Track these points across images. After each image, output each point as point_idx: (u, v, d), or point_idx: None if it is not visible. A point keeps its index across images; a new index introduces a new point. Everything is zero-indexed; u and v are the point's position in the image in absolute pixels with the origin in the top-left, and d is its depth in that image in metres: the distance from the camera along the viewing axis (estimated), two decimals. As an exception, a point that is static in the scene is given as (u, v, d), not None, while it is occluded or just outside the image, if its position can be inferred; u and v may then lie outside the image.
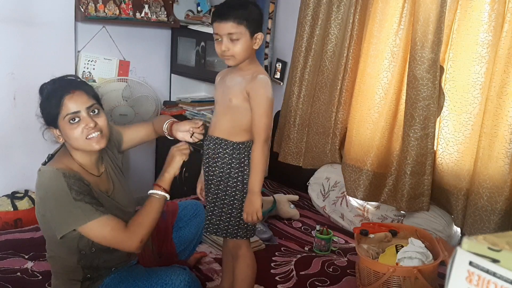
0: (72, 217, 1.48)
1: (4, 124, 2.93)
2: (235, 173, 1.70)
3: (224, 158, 1.70)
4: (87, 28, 3.24)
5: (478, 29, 2.23)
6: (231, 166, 1.70)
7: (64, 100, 1.53)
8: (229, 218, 1.72)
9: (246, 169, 1.70)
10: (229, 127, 1.71)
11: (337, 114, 2.86)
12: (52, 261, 1.67)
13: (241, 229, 1.73)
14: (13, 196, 2.84)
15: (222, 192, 1.72)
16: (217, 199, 1.73)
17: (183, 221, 1.99)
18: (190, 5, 3.70)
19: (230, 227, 1.73)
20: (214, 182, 1.73)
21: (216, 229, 1.75)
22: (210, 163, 1.74)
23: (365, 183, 2.61)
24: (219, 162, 1.71)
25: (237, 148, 1.69)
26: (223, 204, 1.72)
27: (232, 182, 1.70)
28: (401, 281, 1.83)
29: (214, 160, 1.72)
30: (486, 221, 2.21)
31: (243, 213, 1.70)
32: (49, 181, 1.51)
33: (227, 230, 1.73)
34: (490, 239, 0.58)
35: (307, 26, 2.91)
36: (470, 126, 2.31)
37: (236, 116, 1.69)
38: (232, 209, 1.72)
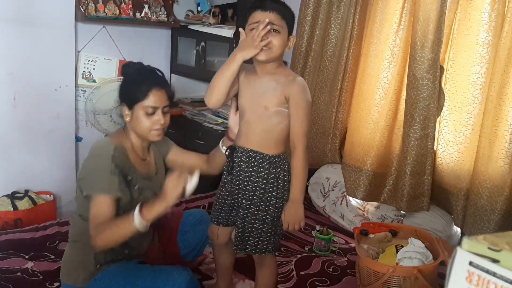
0: (98, 182, 1.59)
1: (4, 124, 2.93)
2: (269, 188, 1.64)
3: (259, 172, 1.64)
4: (87, 28, 3.24)
5: (478, 29, 2.23)
6: (267, 181, 1.64)
7: (151, 92, 1.65)
8: (260, 233, 1.66)
9: (281, 183, 1.65)
10: (264, 138, 1.64)
11: (337, 114, 2.86)
12: (74, 225, 1.74)
13: (270, 244, 1.68)
14: (13, 196, 2.84)
15: (255, 207, 1.65)
16: (248, 214, 1.66)
17: (188, 225, 2.00)
18: (190, 5, 3.70)
19: (260, 243, 1.67)
20: (246, 197, 1.66)
21: (245, 245, 1.69)
22: (242, 177, 1.67)
23: (365, 183, 2.61)
24: (253, 177, 1.64)
25: (273, 162, 1.63)
26: (255, 220, 1.66)
27: (266, 197, 1.64)
28: (401, 281, 1.83)
29: (247, 173, 1.65)
30: (486, 221, 2.21)
31: (280, 224, 1.67)
32: (101, 147, 1.66)
33: (257, 246, 1.67)
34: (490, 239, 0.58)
35: (307, 26, 2.91)
36: (470, 126, 2.31)
37: (271, 126, 1.62)
38: (264, 224, 1.66)
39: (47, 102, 3.04)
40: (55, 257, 2.16)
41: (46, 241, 2.32)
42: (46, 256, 2.19)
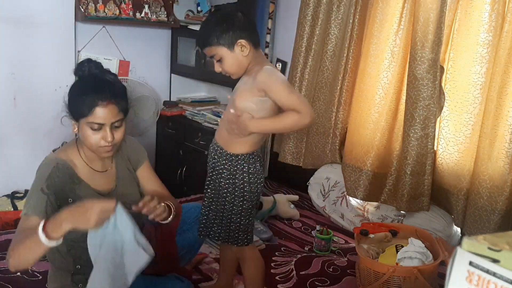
0: (28, 201, 1.50)
1: (4, 124, 2.93)
2: (225, 184, 1.68)
3: (218, 166, 1.71)
4: (87, 28, 3.24)
5: (479, 29, 2.23)
6: (222, 177, 1.69)
7: (96, 108, 1.48)
8: (220, 224, 1.73)
9: (238, 183, 1.67)
10: (226, 135, 1.68)
11: (337, 114, 2.86)
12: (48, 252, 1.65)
13: (231, 237, 1.72)
14: (13, 196, 2.84)
15: (215, 198, 1.73)
16: (212, 204, 1.74)
17: (187, 224, 1.97)
18: (190, 5, 3.70)
19: (222, 233, 1.73)
20: (210, 187, 1.75)
21: (209, 232, 1.76)
22: (210, 167, 1.75)
23: (365, 183, 2.61)
24: (216, 170, 1.72)
25: (230, 160, 1.67)
26: (216, 210, 1.73)
27: (222, 192, 1.69)
28: (401, 281, 1.83)
29: (211, 166, 1.74)
30: (486, 221, 2.21)
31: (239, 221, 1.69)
32: (43, 164, 1.56)
33: (219, 235, 1.74)
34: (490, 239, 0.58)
35: (307, 26, 2.91)
36: (470, 126, 2.31)
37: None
38: (222, 217, 1.72)
39: (47, 102, 3.04)
40: (55, 257, 2.16)
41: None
42: (46, 256, 2.18)
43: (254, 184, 1.69)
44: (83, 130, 1.52)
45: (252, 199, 1.70)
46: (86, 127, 1.51)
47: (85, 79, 1.54)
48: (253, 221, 1.78)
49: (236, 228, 1.71)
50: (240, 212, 1.70)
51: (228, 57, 1.58)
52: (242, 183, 1.67)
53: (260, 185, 1.72)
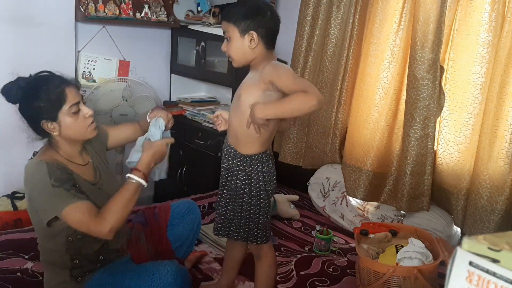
0: (52, 203, 1.51)
1: (4, 124, 2.92)
2: (241, 185, 1.69)
3: (232, 167, 1.71)
4: (87, 28, 3.23)
5: (479, 29, 2.23)
6: (237, 178, 1.70)
7: (65, 92, 1.56)
8: (239, 223, 1.73)
9: (254, 182, 1.68)
10: (238, 135, 1.69)
11: (337, 114, 2.86)
12: (42, 251, 1.69)
13: (250, 235, 1.74)
14: (13, 196, 2.84)
15: (232, 198, 1.73)
16: (229, 204, 1.75)
17: (177, 219, 2.00)
18: (190, 5, 3.70)
19: (241, 231, 1.74)
20: (226, 187, 1.75)
21: (228, 231, 1.77)
22: (223, 170, 1.76)
23: (365, 183, 2.61)
24: (230, 170, 1.72)
25: (244, 161, 1.68)
26: (234, 210, 1.74)
27: (238, 193, 1.71)
28: (401, 281, 1.83)
29: (225, 167, 1.74)
30: (486, 221, 2.21)
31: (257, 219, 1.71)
32: (33, 171, 1.55)
33: (238, 234, 1.75)
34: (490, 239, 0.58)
35: (307, 26, 2.91)
36: (471, 126, 2.31)
37: (244, 115, 1.63)
38: (240, 216, 1.73)
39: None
40: (55, 257, 2.16)
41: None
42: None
43: (268, 182, 1.71)
44: (65, 123, 1.58)
45: (268, 196, 1.73)
46: (66, 117, 1.57)
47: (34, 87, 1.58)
48: (270, 218, 1.80)
49: (255, 226, 1.72)
50: (258, 211, 1.71)
51: (236, 40, 1.61)
52: (257, 182, 1.69)
53: (274, 183, 1.75)
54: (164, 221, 1.97)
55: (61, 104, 1.56)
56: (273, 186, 1.75)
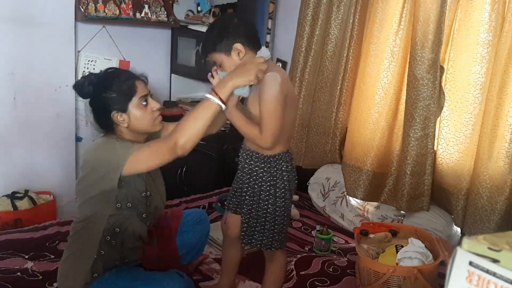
0: (119, 155, 1.54)
1: (4, 124, 2.93)
2: (267, 187, 1.69)
3: (256, 171, 1.69)
4: (87, 28, 3.23)
5: (479, 29, 2.23)
6: (263, 180, 1.69)
7: (136, 84, 1.62)
8: (263, 230, 1.72)
9: (279, 182, 1.68)
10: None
11: (337, 114, 2.86)
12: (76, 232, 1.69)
13: (275, 241, 1.72)
14: (13, 196, 2.84)
15: (256, 204, 1.71)
16: (252, 210, 1.72)
17: (187, 226, 2.01)
18: (190, 5, 3.70)
19: (264, 239, 1.73)
20: (249, 193, 1.73)
21: (251, 240, 1.75)
22: (245, 174, 1.74)
23: (365, 183, 2.61)
24: (253, 175, 1.70)
25: (268, 162, 1.68)
26: (258, 216, 1.71)
27: (264, 196, 1.69)
28: (401, 281, 1.83)
29: (249, 171, 1.72)
30: (486, 221, 2.21)
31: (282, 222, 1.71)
32: (97, 146, 1.63)
33: (262, 242, 1.73)
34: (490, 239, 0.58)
35: (307, 26, 2.91)
36: (471, 126, 2.31)
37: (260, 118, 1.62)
38: (265, 222, 1.71)
39: (47, 102, 3.04)
40: (55, 257, 2.16)
41: (46, 241, 2.32)
42: (46, 256, 2.19)
43: (292, 182, 1.72)
44: (134, 114, 1.62)
45: (291, 197, 1.74)
46: (136, 109, 1.62)
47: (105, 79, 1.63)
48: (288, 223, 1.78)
49: (279, 230, 1.72)
50: (283, 213, 1.71)
51: (226, 62, 1.63)
52: (283, 182, 1.68)
53: (296, 182, 1.75)
54: (175, 226, 1.98)
55: (132, 96, 1.61)
56: (294, 186, 1.75)
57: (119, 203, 1.61)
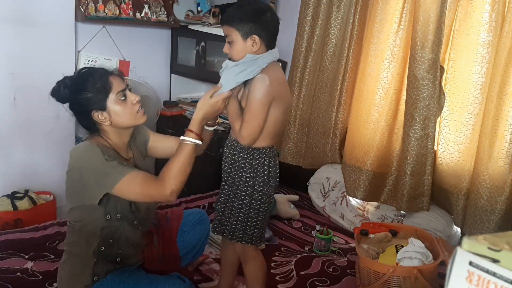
0: (107, 177, 1.53)
1: (4, 124, 2.92)
2: (246, 178, 1.70)
3: (239, 161, 1.70)
4: (87, 28, 3.23)
5: (479, 29, 2.23)
6: (244, 171, 1.70)
7: (110, 79, 1.60)
8: (236, 221, 1.72)
9: (260, 176, 1.69)
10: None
11: (337, 114, 2.86)
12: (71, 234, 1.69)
13: (246, 234, 1.72)
14: (13, 196, 2.84)
15: (233, 194, 1.72)
16: (228, 201, 1.74)
17: (188, 226, 2.01)
18: (190, 5, 3.70)
19: (236, 231, 1.73)
20: (228, 183, 1.74)
21: (224, 229, 1.76)
22: (227, 164, 1.75)
23: (365, 183, 2.61)
24: (235, 165, 1.71)
25: (251, 154, 1.69)
26: (232, 207, 1.73)
27: (243, 186, 1.70)
28: (401, 281, 1.83)
29: (231, 161, 1.73)
30: (486, 221, 2.21)
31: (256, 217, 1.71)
32: (83, 151, 1.58)
33: (233, 233, 1.74)
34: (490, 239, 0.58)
35: (307, 26, 2.91)
36: (471, 126, 2.31)
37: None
38: (239, 213, 1.72)
39: (47, 102, 3.02)
40: (55, 257, 2.16)
41: (46, 241, 2.32)
42: (46, 256, 2.19)
43: (273, 178, 1.72)
44: (114, 111, 1.60)
45: (270, 193, 1.74)
46: (115, 105, 1.60)
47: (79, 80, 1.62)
48: (267, 218, 1.79)
49: (253, 224, 1.72)
50: (259, 207, 1.71)
51: (238, 43, 1.63)
52: (262, 176, 1.69)
53: (277, 180, 1.76)
54: (175, 226, 1.98)
55: (108, 92, 1.59)
56: (275, 184, 1.75)
57: (108, 215, 1.61)
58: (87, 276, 1.63)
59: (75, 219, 1.65)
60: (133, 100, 1.63)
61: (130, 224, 1.65)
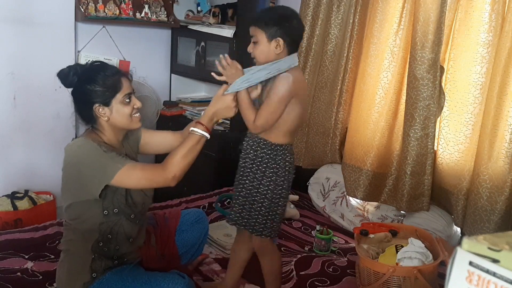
0: (107, 168, 1.54)
1: (4, 124, 2.93)
2: (269, 173, 1.74)
3: (261, 157, 1.75)
4: (87, 28, 3.24)
5: (479, 29, 2.23)
6: (267, 166, 1.75)
7: (122, 81, 1.65)
8: (257, 215, 1.77)
9: (281, 171, 1.74)
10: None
11: (337, 114, 2.86)
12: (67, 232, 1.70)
13: (267, 228, 1.78)
14: (13, 196, 2.84)
15: (255, 189, 1.77)
16: (250, 195, 1.78)
17: (186, 225, 2.02)
18: (190, 5, 3.70)
19: (257, 225, 1.77)
20: (249, 178, 1.78)
21: (243, 222, 1.80)
22: (248, 159, 1.79)
23: (365, 183, 2.61)
24: (257, 161, 1.76)
25: (275, 150, 1.74)
26: (254, 201, 1.77)
27: (266, 181, 1.75)
28: (401, 281, 1.83)
29: (251, 158, 1.78)
30: (486, 221, 2.21)
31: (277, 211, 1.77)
32: (79, 146, 1.61)
33: (254, 227, 1.78)
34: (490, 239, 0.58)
35: (307, 26, 2.91)
36: (471, 126, 2.31)
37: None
38: (261, 207, 1.76)
39: (47, 102, 3.04)
40: (54, 257, 2.16)
41: (46, 241, 2.32)
42: (46, 256, 2.19)
43: (291, 174, 1.79)
44: (116, 109, 1.63)
45: (289, 188, 1.80)
46: (119, 105, 1.63)
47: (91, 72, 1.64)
48: (282, 214, 1.84)
49: (273, 217, 1.77)
50: (278, 201, 1.77)
51: (263, 45, 1.69)
52: (284, 171, 1.75)
53: (294, 175, 1.81)
54: (173, 226, 1.99)
55: (116, 91, 1.63)
56: (292, 179, 1.81)
57: (105, 210, 1.62)
58: (85, 273, 1.63)
59: (72, 217, 1.66)
60: (135, 105, 1.68)
61: (127, 219, 1.67)
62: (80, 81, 1.64)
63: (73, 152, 1.61)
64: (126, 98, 1.64)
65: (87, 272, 1.63)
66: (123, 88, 1.64)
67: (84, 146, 1.60)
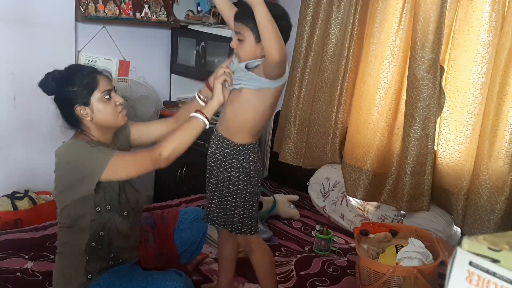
0: (97, 160, 1.55)
1: (4, 124, 2.93)
2: (236, 173, 1.73)
3: (226, 157, 1.74)
4: (87, 28, 3.23)
5: (479, 29, 2.23)
6: (232, 166, 1.73)
7: (98, 78, 1.65)
8: (233, 215, 1.76)
9: (247, 171, 1.73)
10: (231, 126, 1.74)
11: (337, 114, 2.86)
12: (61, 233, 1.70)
13: (245, 226, 1.77)
14: (13, 196, 2.84)
15: (226, 188, 1.76)
16: (222, 195, 1.77)
17: (184, 224, 2.02)
18: (190, 5, 3.70)
19: (235, 224, 1.77)
20: (219, 178, 1.77)
21: (224, 222, 1.79)
22: (214, 158, 1.78)
23: (365, 183, 2.61)
24: (222, 160, 1.75)
25: (237, 150, 1.73)
26: (227, 201, 1.76)
27: (234, 181, 1.74)
28: (401, 281, 1.83)
29: (218, 156, 1.76)
30: (486, 221, 2.21)
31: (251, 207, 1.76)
32: (68, 146, 1.63)
33: (232, 226, 1.78)
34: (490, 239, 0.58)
35: (307, 26, 2.91)
36: (471, 126, 2.31)
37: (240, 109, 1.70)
38: (235, 207, 1.75)
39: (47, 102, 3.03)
40: (54, 257, 2.16)
41: (46, 241, 2.32)
42: (46, 256, 2.19)
43: (257, 172, 1.77)
44: (97, 108, 1.64)
45: (256, 186, 1.78)
46: (99, 103, 1.64)
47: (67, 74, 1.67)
48: (257, 210, 1.83)
49: (249, 215, 1.76)
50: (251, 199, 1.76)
51: (249, 44, 1.63)
52: (249, 171, 1.73)
53: (261, 173, 1.81)
54: (172, 225, 1.99)
55: (93, 89, 1.63)
56: (260, 176, 1.80)
57: (98, 206, 1.62)
58: (80, 275, 1.63)
59: (66, 220, 1.66)
60: (117, 101, 1.67)
61: (120, 216, 1.67)
62: (59, 85, 1.66)
63: (62, 153, 1.62)
64: (105, 95, 1.64)
65: (82, 274, 1.63)
66: (100, 85, 1.64)
67: (73, 146, 1.62)
